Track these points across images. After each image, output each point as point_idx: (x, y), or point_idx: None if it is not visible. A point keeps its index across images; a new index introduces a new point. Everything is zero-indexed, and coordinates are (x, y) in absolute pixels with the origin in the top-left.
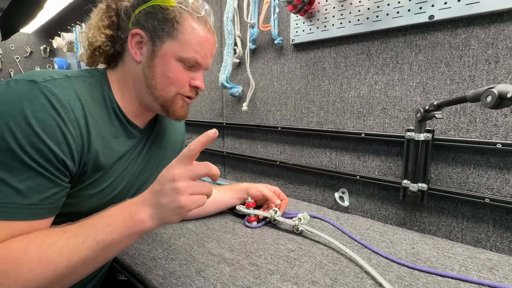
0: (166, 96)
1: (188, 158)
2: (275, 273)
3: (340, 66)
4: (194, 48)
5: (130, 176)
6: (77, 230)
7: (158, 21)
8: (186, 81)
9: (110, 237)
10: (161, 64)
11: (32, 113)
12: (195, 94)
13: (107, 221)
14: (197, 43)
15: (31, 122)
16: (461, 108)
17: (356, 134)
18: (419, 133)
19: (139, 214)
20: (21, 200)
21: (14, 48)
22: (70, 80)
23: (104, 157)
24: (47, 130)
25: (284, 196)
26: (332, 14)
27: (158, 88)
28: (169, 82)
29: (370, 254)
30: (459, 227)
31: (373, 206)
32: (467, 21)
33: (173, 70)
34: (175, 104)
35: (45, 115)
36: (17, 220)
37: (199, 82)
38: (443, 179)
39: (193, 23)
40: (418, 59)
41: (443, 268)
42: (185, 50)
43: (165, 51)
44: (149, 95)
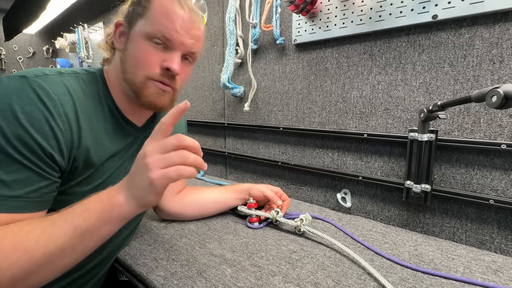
0: (135, 80)
1: (160, 133)
2: (277, 274)
3: (343, 66)
4: (160, 21)
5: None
6: (56, 217)
7: (133, 5)
8: (156, 63)
9: (88, 222)
10: (131, 46)
11: (19, 106)
12: (171, 80)
13: (85, 207)
14: (164, 17)
15: (18, 116)
16: (465, 109)
17: (359, 135)
18: (422, 133)
19: (116, 197)
20: (6, 192)
21: (17, 48)
22: (62, 76)
23: (95, 153)
24: (34, 123)
25: (286, 196)
26: (335, 14)
27: (128, 71)
28: (137, 63)
29: (373, 255)
30: (463, 229)
31: (375, 207)
32: (471, 21)
33: (140, 50)
34: (145, 90)
35: (33, 109)
36: (1, 212)
37: (172, 64)
38: (446, 180)
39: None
40: (421, 59)
41: (447, 270)
42: (150, 25)
43: (135, 32)
44: (123, 82)
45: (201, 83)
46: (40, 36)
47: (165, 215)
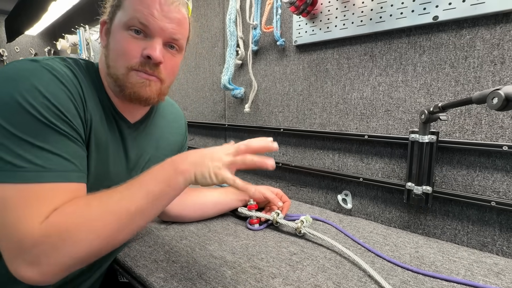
0: (118, 72)
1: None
2: (277, 276)
3: (343, 67)
4: (135, 8)
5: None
6: (128, 185)
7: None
8: (136, 52)
9: (158, 188)
10: (112, 39)
11: (43, 87)
12: (153, 68)
13: (153, 175)
14: (139, 3)
15: (46, 95)
16: (466, 110)
17: (359, 136)
18: (423, 135)
19: (181, 167)
20: (69, 165)
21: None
22: (67, 62)
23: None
24: (62, 102)
25: (287, 198)
26: (335, 15)
27: (111, 64)
28: (118, 55)
29: (374, 257)
30: (465, 231)
31: (376, 209)
32: (472, 22)
33: (120, 41)
34: (128, 80)
35: (56, 89)
36: (70, 182)
37: (152, 51)
38: (448, 181)
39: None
40: (422, 60)
41: (448, 272)
42: (127, 14)
43: (114, 25)
44: (108, 77)
45: (202, 84)
46: (41, 37)
47: (165, 217)
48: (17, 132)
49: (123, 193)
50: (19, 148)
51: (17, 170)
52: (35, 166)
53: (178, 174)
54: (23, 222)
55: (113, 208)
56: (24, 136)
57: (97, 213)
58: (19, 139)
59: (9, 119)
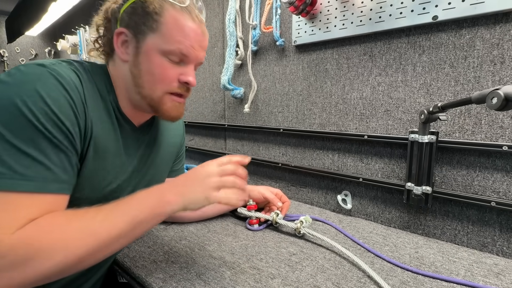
0: (154, 95)
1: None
2: (276, 277)
3: (343, 67)
4: (176, 39)
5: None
6: (113, 207)
7: (139, 16)
8: (174, 77)
9: (143, 214)
10: (145, 61)
11: (45, 92)
12: (186, 91)
13: (139, 201)
14: (180, 34)
15: (47, 101)
16: (466, 110)
17: (359, 136)
18: (423, 135)
19: (168, 197)
20: (50, 175)
21: (19, 50)
22: (73, 65)
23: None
24: (62, 109)
25: (286, 198)
26: (334, 15)
27: (145, 86)
28: (155, 80)
29: (373, 258)
30: (465, 231)
31: (376, 209)
32: (471, 22)
33: (158, 67)
34: (164, 104)
35: (58, 95)
36: (48, 193)
37: (189, 78)
38: (447, 182)
39: (175, 13)
40: (421, 60)
41: (448, 273)
42: (168, 42)
43: (147, 46)
44: (137, 94)
45: (201, 84)
46: (42, 38)
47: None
48: (7, 135)
49: (107, 215)
50: (4, 152)
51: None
52: (13, 174)
53: (165, 203)
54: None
55: (94, 229)
56: (14, 140)
57: (76, 232)
58: (6, 143)
59: (4, 122)
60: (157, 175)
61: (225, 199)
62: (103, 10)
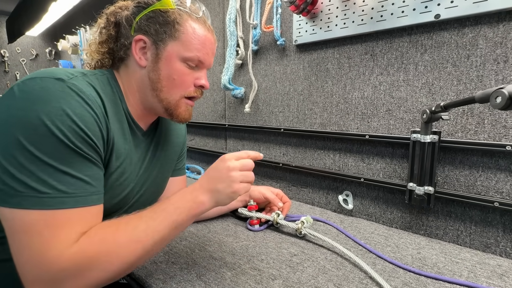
0: (171, 99)
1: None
2: (277, 278)
3: (344, 66)
4: (196, 47)
5: (138, 178)
6: (152, 214)
7: (159, 24)
8: (191, 82)
9: (181, 218)
10: (165, 67)
11: (71, 110)
12: (200, 94)
13: (176, 205)
14: (198, 42)
15: (74, 119)
16: (469, 109)
17: (360, 136)
18: (425, 134)
19: (200, 198)
20: (89, 188)
21: (20, 51)
22: (87, 77)
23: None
24: (89, 126)
25: (287, 198)
26: (336, 14)
27: (164, 90)
28: (175, 84)
29: (375, 259)
30: (467, 232)
31: (377, 209)
32: (474, 20)
33: (178, 72)
34: (179, 108)
35: (83, 111)
36: (91, 206)
37: (204, 81)
38: (450, 182)
39: (193, 23)
40: (423, 59)
41: (451, 274)
42: (188, 50)
43: (168, 53)
44: (154, 98)
45: None
46: (43, 38)
47: None
48: (42, 157)
49: (148, 223)
50: (43, 173)
51: (41, 196)
52: (58, 192)
53: (199, 204)
54: (51, 247)
55: (140, 237)
56: (50, 160)
57: (125, 242)
58: (44, 163)
59: (36, 143)
60: (162, 176)
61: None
62: (109, 13)
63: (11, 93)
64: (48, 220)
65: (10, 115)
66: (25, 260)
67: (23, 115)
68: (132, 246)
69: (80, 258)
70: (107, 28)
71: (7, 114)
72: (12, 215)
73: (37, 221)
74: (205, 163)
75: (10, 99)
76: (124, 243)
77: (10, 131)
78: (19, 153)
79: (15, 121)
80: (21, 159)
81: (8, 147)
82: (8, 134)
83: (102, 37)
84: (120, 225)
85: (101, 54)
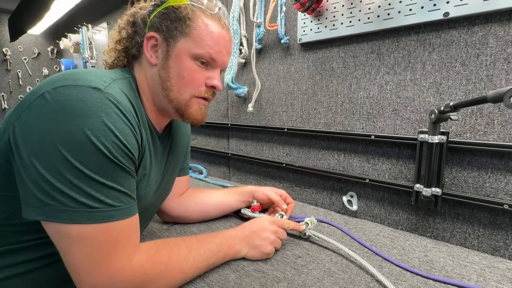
0: (181, 98)
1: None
2: (282, 280)
3: (349, 66)
4: (207, 43)
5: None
6: (200, 250)
7: (171, 21)
8: (202, 81)
9: (219, 260)
10: (175, 64)
11: (113, 124)
12: (212, 95)
13: (219, 248)
14: (211, 39)
15: (116, 134)
16: (478, 109)
17: (366, 136)
18: (433, 135)
19: (236, 247)
20: (131, 200)
21: (22, 49)
22: (117, 83)
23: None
24: (128, 139)
25: (291, 199)
26: (341, 13)
27: (173, 89)
28: (184, 83)
29: (381, 261)
30: (475, 234)
31: (383, 211)
32: (484, 18)
33: (188, 70)
34: (190, 107)
35: (123, 125)
36: (133, 216)
37: (216, 81)
38: (458, 183)
39: (206, 19)
40: (431, 58)
41: (460, 278)
42: (199, 46)
43: (179, 50)
44: (164, 97)
45: None
46: (45, 36)
47: (167, 217)
48: (90, 173)
49: (196, 258)
50: (91, 189)
51: (92, 211)
52: (106, 206)
53: (234, 252)
54: (115, 260)
55: (186, 269)
56: (96, 176)
57: (174, 269)
58: (90, 179)
59: (82, 159)
60: (172, 178)
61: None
62: (128, 14)
63: (43, 101)
64: (104, 233)
65: (49, 127)
66: (85, 268)
67: (65, 128)
68: (178, 275)
69: (140, 274)
70: (125, 28)
71: (45, 125)
72: (67, 230)
73: (93, 234)
74: (207, 162)
75: (43, 107)
76: (174, 270)
77: (52, 144)
78: (65, 169)
79: (57, 134)
80: (68, 175)
81: (52, 161)
82: (50, 147)
83: (120, 36)
84: (174, 251)
85: (117, 52)
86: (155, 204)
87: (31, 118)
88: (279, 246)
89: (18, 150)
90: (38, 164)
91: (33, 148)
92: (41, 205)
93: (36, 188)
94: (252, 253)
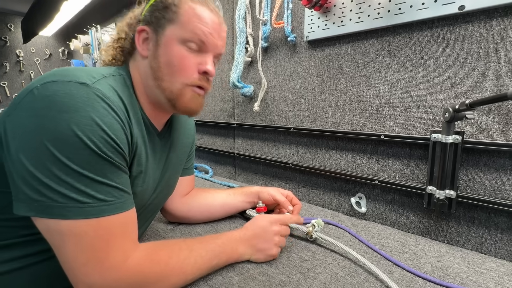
0: (173, 87)
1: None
2: (287, 284)
3: (358, 63)
4: (195, 25)
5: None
6: (202, 251)
7: (159, 11)
8: (193, 68)
9: (221, 262)
10: (165, 52)
11: (100, 119)
12: (207, 83)
13: (221, 249)
14: (198, 21)
15: (104, 129)
16: (496, 108)
17: (375, 136)
18: (447, 135)
19: (239, 250)
20: (124, 194)
21: (34, 50)
22: (108, 80)
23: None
24: (117, 133)
25: (297, 201)
26: (350, 8)
27: (165, 79)
28: (175, 71)
29: (392, 266)
30: (492, 240)
31: (393, 213)
32: (503, 11)
33: (177, 56)
34: (183, 96)
35: (111, 120)
36: (129, 210)
37: (208, 66)
38: (473, 186)
39: (193, 4)
40: (445, 54)
41: (476, 285)
42: (187, 30)
43: (167, 38)
44: (156, 88)
45: None
46: (56, 38)
47: (172, 218)
48: (77, 168)
49: (197, 259)
50: (80, 184)
51: (82, 206)
52: (98, 201)
53: (238, 255)
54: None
55: (186, 270)
56: (85, 171)
57: (174, 269)
58: (79, 175)
59: (69, 154)
60: (174, 177)
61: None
62: (127, 17)
63: (31, 97)
64: (96, 228)
65: (36, 123)
66: (79, 265)
67: (51, 124)
68: (179, 276)
69: (136, 273)
70: (124, 27)
71: (32, 120)
72: (58, 226)
73: (86, 230)
74: (213, 162)
75: (31, 103)
76: (174, 270)
77: (38, 140)
78: (53, 165)
79: (43, 130)
80: (56, 170)
81: (39, 157)
82: (36, 142)
83: (119, 35)
84: (174, 251)
85: (114, 50)
86: (156, 202)
87: (20, 115)
88: (284, 244)
89: (8, 146)
90: (25, 160)
91: (21, 144)
92: (31, 201)
93: (25, 184)
94: (256, 256)
